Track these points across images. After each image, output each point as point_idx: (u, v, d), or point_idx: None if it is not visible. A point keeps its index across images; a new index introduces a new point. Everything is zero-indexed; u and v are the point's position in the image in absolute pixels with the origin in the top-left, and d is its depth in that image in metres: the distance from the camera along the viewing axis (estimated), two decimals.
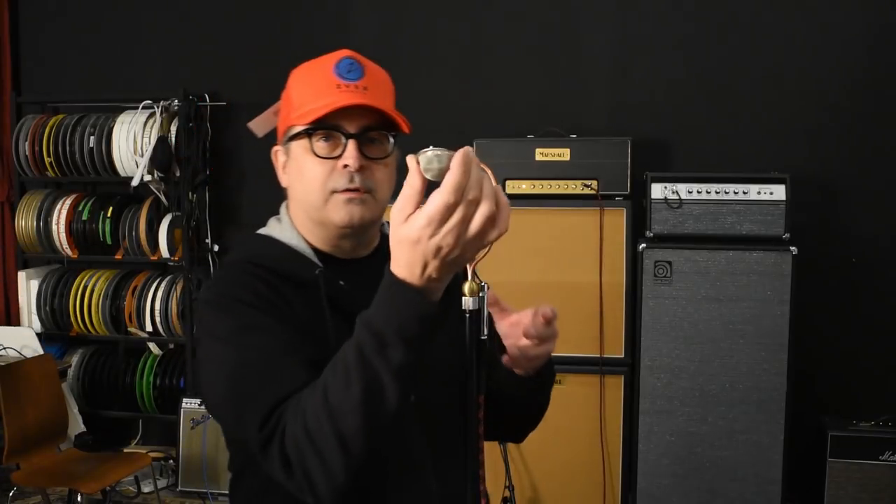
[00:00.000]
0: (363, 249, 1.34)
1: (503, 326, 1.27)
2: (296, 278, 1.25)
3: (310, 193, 1.26)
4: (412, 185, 0.97)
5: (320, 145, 1.24)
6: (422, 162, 0.98)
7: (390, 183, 1.28)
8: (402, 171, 1.28)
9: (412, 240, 0.96)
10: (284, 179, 1.34)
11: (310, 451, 1.05)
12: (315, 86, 1.25)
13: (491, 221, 0.95)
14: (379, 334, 1.00)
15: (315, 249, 1.31)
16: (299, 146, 1.26)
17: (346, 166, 1.22)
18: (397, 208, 0.98)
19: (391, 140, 1.26)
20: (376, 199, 1.25)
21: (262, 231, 1.35)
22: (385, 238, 1.36)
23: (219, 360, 1.20)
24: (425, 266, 0.97)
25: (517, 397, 1.36)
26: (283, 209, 1.37)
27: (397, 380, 1.01)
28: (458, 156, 0.93)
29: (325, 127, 1.23)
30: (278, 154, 1.33)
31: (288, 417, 1.09)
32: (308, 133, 1.24)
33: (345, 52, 1.27)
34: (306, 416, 1.06)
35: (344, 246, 1.32)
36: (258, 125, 1.42)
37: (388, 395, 1.01)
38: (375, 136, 1.25)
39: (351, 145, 1.22)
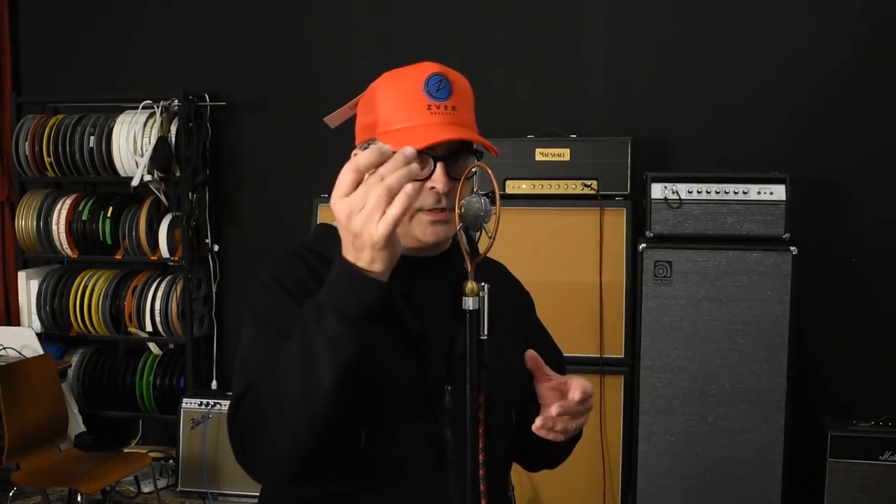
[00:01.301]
0: (431, 252, 1.33)
1: (543, 390, 1.27)
2: None
3: None
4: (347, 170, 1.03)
5: None
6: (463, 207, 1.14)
7: None
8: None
9: (336, 217, 1.03)
10: None
11: (255, 417, 1.10)
12: (404, 102, 1.25)
13: (380, 205, 0.98)
14: (318, 306, 1.05)
15: None
16: None
17: (433, 188, 1.23)
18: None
19: (476, 161, 1.28)
20: None
21: None
22: (455, 244, 1.36)
23: (244, 335, 1.25)
24: (347, 245, 1.03)
25: (540, 451, 1.39)
26: None
27: (330, 348, 1.04)
28: (374, 147, 1.01)
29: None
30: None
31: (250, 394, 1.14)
32: None
33: (433, 68, 1.27)
34: (258, 385, 1.11)
35: (413, 250, 1.31)
36: (333, 119, 1.40)
37: (321, 364, 1.04)
38: (462, 156, 1.26)
39: (439, 169, 1.23)
